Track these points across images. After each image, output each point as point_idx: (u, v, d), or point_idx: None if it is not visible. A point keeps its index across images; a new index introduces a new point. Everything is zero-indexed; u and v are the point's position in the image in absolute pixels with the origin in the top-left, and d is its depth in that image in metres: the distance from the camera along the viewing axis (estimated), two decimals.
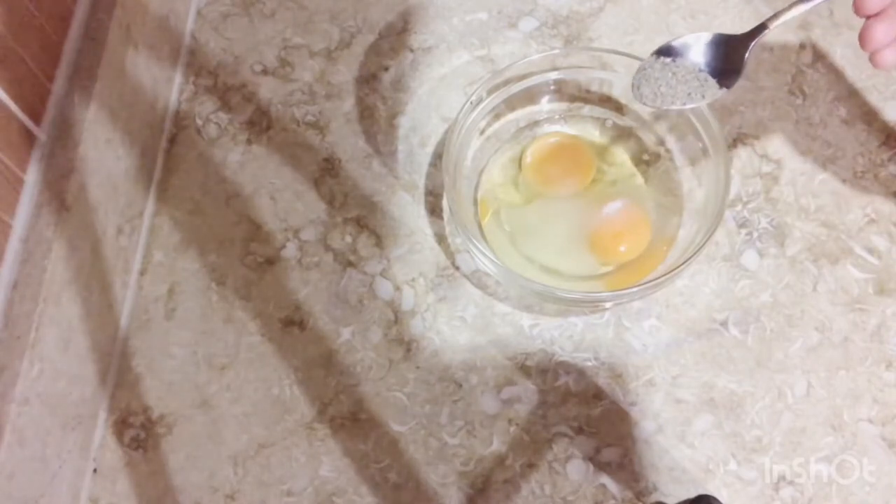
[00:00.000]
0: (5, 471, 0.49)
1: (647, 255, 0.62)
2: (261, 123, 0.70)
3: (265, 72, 0.72)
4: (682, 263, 0.56)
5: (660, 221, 0.63)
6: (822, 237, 0.64)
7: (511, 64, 0.63)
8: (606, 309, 0.62)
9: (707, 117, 0.60)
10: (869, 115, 0.68)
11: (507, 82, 0.64)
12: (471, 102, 0.62)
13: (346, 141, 0.69)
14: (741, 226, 0.65)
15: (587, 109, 0.67)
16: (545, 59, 0.64)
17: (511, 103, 0.66)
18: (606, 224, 0.63)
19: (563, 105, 0.67)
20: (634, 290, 0.56)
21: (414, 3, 0.74)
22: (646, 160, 0.66)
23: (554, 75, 0.65)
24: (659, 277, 0.56)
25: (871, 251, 0.63)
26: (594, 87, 0.67)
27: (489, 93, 0.64)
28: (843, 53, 0.70)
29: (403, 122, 0.69)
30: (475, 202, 0.65)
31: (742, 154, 0.67)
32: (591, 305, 0.62)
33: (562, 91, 0.67)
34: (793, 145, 0.67)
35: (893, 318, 0.61)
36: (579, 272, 0.62)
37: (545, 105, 0.67)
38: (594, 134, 0.67)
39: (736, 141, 0.67)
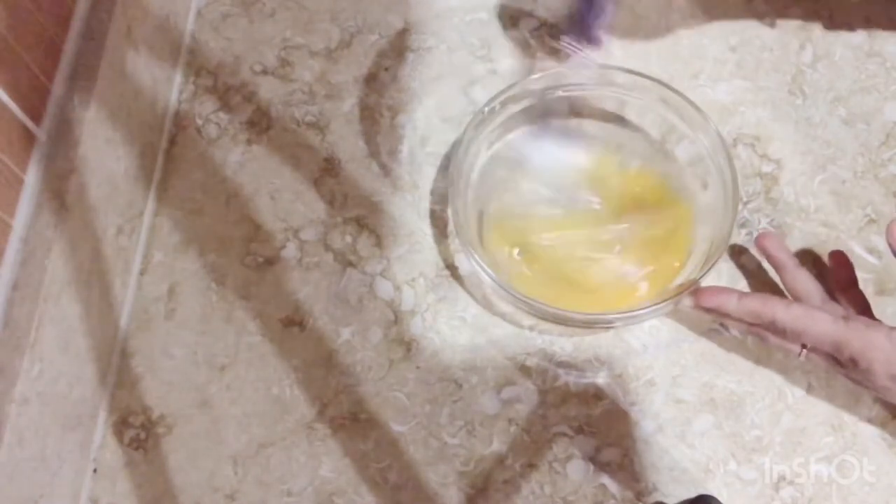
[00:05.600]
0: (5, 471, 0.49)
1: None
2: (261, 123, 0.70)
3: (265, 72, 0.72)
4: (693, 282, 0.56)
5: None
6: (822, 237, 0.64)
7: (524, 79, 0.62)
8: (614, 328, 0.62)
9: (705, 119, 0.60)
10: (869, 115, 0.68)
11: (519, 97, 0.63)
12: (482, 113, 0.61)
13: (346, 141, 0.69)
14: (741, 226, 0.65)
15: (594, 125, 0.67)
16: (556, 76, 0.64)
17: (522, 117, 0.65)
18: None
19: (573, 121, 0.67)
20: (645, 311, 0.55)
21: (414, 3, 0.74)
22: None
23: (563, 92, 0.65)
24: (667, 299, 0.55)
25: (871, 251, 0.63)
26: (597, 104, 0.66)
27: (502, 105, 0.63)
28: (843, 53, 0.70)
29: (403, 122, 0.69)
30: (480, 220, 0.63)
31: (742, 154, 0.67)
32: (600, 327, 0.61)
33: (572, 106, 0.66)
34: (793, 145, 0.67)
35: (893, 318, 0.61)
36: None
37: (553, 120, 0.66)
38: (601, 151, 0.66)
39: (736, 141, 0.67)
